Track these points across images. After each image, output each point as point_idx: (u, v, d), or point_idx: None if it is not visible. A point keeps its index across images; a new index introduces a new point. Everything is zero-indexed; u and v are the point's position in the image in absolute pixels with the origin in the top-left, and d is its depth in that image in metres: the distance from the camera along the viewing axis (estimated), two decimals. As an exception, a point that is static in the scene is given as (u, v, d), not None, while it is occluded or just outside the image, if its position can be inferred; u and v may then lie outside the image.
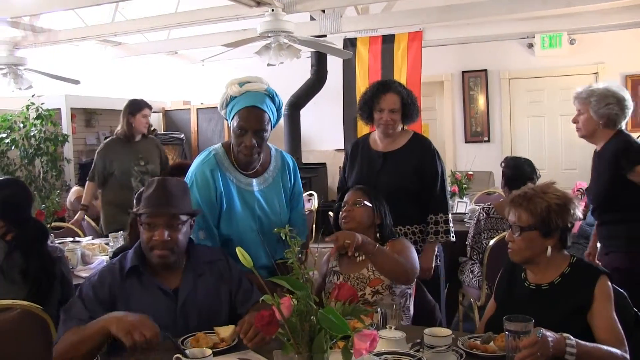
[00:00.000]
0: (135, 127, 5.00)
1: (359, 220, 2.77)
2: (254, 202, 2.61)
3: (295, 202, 2.84)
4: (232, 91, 2.48)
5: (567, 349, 1.84)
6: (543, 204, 2.18)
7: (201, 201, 2.50)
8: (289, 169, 2.78)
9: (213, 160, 2.56)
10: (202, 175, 2.52)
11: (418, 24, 6.39)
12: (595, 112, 3.19)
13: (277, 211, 2.70)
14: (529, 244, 2.20)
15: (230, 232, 2.56)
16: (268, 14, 4.69)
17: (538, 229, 2.18)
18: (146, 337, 1.91)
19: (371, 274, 2.67)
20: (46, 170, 7.11)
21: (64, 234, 4.82)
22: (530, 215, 2.19)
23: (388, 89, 3.25)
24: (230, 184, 2.55)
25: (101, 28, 6.61)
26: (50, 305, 2.75)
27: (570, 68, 7.64)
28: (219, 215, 2.55)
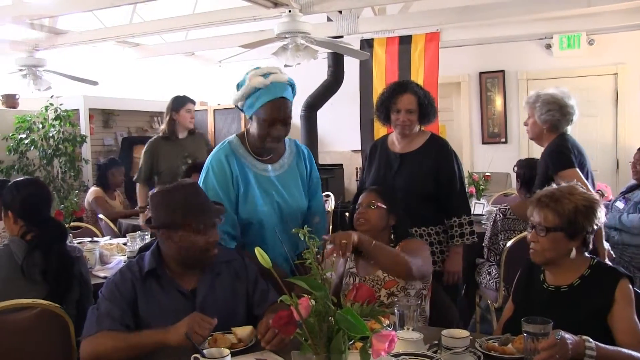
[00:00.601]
0: (180, 123, 4.97)
1: (373, 222, 2.74)
2: (271, 187, 2.63)
3: (314, 190, 2.85)
4: (256, 82, 2.46)
5: (586, 351, 1.82)
6: (570, 205, 2.17)
7: (218, 186, 2.53)
8: (303, 157, 2.81)
9: (228, 147, 2.61)
10: (217, 161, 2.56)
11: (435, 24, 6.37)
12: (539, 117, 3.44)
13: (296, 197, 2.72)
14: (553, 244, 2.18)
15: (250, 215, 2.57)
16: (285, 15, 4.70)
17: (564, 230, 2.16)
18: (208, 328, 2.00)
19: (386, 276, 2.66)
20: (64, 171, 7.17)
21: (82, 234, 4.86)
22: (557, 216, 2.17)
23: (405, 89, 3.24)
24: (246, 168, 2.58)
25: (119, 29, 6.66)
26: (68, 305, 2.78)
27: (589, 69, 7.57)
28: (237, 199, 2.56)
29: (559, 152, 3.38)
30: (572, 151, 3.40)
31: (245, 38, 6.19)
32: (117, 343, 2.03)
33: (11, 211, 2.89)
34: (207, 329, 1.99)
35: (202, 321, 2.00)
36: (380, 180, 3.26)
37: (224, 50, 7.97)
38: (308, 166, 2.82)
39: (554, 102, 3.46)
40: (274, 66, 2.58)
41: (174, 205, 2.21)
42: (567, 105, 3.49)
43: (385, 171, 3.31)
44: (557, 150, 3.39)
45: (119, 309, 2.13)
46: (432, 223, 3.23)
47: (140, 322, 2.18)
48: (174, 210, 2.20)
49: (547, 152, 3.44)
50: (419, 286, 2.68)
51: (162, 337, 2.02)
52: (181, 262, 2.26)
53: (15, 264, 2.76)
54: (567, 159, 3.35)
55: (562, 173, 3.26)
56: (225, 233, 2.52)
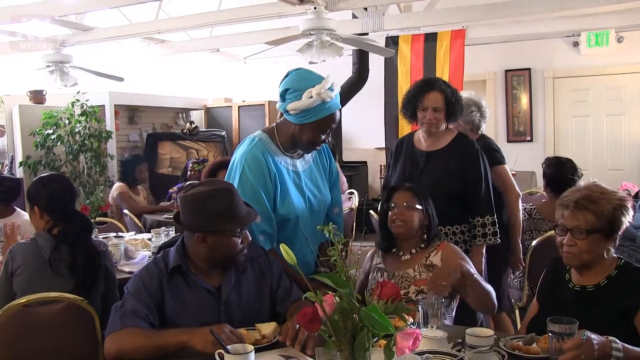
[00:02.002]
0: None
1: (410, 224, 2.71)
2: (302, 181, 2.63)
3: (334, 182, 2.87)
4: (326, 96, 2.42)
5: (613, 352, 1.79)
6: (609, 205, 2.14)
7: (256, 184, 2.47)
8: (323, 150, 2.80)
9: (260, 144, 2.55)
10: (253, 159, 2.49)
11: (461, 22, 6.32)
12: (462, 118, 3.55)
13: (322, 191, 2.73)
14: (592, 247, 2.14)
15: (288, 212, 2.55)
16: (310, 12, 4.70)
17: (603, 230, 2.14)
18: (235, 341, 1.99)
19: (417, 274, 2.66)
20: (90, 166, 7.25)
21: (108, 229, 4.92)
22: (597, 217, 2.13)
23: (432, 87, 3.22)
24: (280, 165, 2.56)
25: (145, 26, 6.72)
26: (94, 299, 2.81)
27: (617, 67, 7.46)
28: (274, 197, 2.54)
29: (489, 149, 3.63)
30: (498, 149, 3.74)
31: (270, 35, 6.20)
32: (141, 341, 2.04)
33: (37, 206, 2.94)
34: (234, 341, 1.97)
35: (230, 333, 2.00)
36: (406, 178, 3.24)
37: (249, 47, 7.99)
38: (328, 158, 2.83)
39: (474, 103, 3.73)
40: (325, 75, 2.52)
41: (210, 211, 2.17)
42: (483, 106, 3.78)
43: (411, 169, 3.29)
44: (488, 148, 3.60)
45: (145, 306, 2.13)
46: (457, 222, 3.21)
47: (165, 319, 2.18)
48: (210, 215, 2.17)
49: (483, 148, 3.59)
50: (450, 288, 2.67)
51: (186, 339, 2.02)
52: (211, 262, 2.26)
53: (42, 258, 2.80)
54: (498, 155, 3.69)
55: (494, 169, 3.54)
56: (262, 233, 2.49)
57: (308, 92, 2.40)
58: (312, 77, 2.47)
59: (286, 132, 2.58)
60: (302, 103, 2.41)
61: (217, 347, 1.87)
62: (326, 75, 2.48)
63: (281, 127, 2.60)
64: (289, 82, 2.48)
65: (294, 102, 2.43)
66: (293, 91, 2.45)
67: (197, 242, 2.20)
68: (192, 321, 2.16)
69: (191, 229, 2.22)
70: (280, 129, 2.60)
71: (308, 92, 2.40)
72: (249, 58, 8.68)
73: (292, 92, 2.45)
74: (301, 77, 2.48)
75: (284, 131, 2.59)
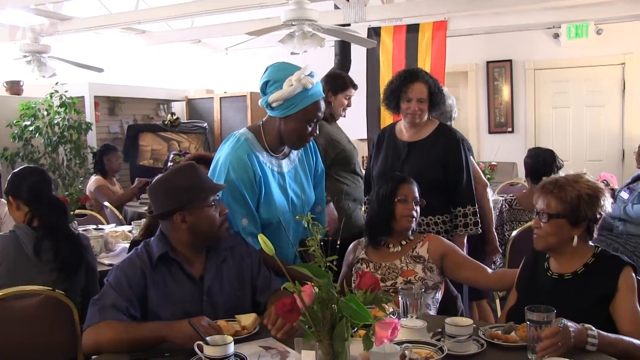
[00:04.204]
0: (334, 108, 4.08)
1: (417, 218, 2.80)
2: (286, 183, 2.61)
3: (319, 180, 2.85)
4: (307, 82, 2.40)
5: (588, 339, 1.83)
6: (574, 193, 2.17)
7: (241, 186, 2.44)
8: (310, 147, 2.78)
9: (246, 144, 2.51)
10: (238, 161, 2.46)
11: (443, 13, 6.32)
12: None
13: (307, 191, 2.71)
14: (555, 231, 2.18)
15: (270, 215, 2.53)
16: (292, 2, 4.67)
17: (567, 217, 2.17)
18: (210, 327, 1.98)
19: (404, 265, 2.68)
20: (70, 158, 7.18)
21: (87, 221, 4.88)
22: (560, 202, 2.18)
23: (416, 78, 3.22)
24: (265, 167, 2.53)
25: (125, 16, 6.64)
26: (73, 292, 2.79)
27: (596, 58, 7.52)
28: (258, 200, 2.52)
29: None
30: (464, 140, 3.63)
31: (252, 25, 6.15)
32: (120, 335, 2.01)
33: (15, 198, 2.92)
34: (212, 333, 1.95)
35: (208, 326, 1.98)
36: (388, 169, 3.25)
37: (231, 38, 7.93)
38: (314, 157, 2.80)
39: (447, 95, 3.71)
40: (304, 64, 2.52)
41: (179, 188, 2.21)
42: (448, 97, 3.79)
43: (393, 160, 3.30)
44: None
45: (125, 299, 2.11)
46: (438, 212, 3.23)
47: (147, 310, 2.17)
48: (180, 192, 2.20)
49: None
50: (437, 279, 2.69)
51: (165, 333, 2.00)
52: (195, 244, 2.26)
53: (22, 252, 2.78)
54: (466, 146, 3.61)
55: None
56: (250, 235, 2.46)
57: (288, 80, 2.39)
58: (290, 67, 2.46)
59: (272, 130, 2.54)
60: (284, 92, 2.40)
61: (196, 339, 1.87)
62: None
63: (267, 125, 2.57)
64: (268, 74, 2.47)
65: (275, 93, 2.41)
66: (273, 82, 2.44)
67: (177, 225, 2.21)
68: (174, 312, 2.15)
69: (168, 214, 2.22)
70: (266, 128, 2.56)
71: (288, 81, 2.39)
72: (230, 49, 8.57)
73: (273, 83, 2.44)
74: (279, 68, 2.48)
75: (270, 129, 2.55)
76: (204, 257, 2.30)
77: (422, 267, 2.68)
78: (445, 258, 2.73)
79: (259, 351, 1.97)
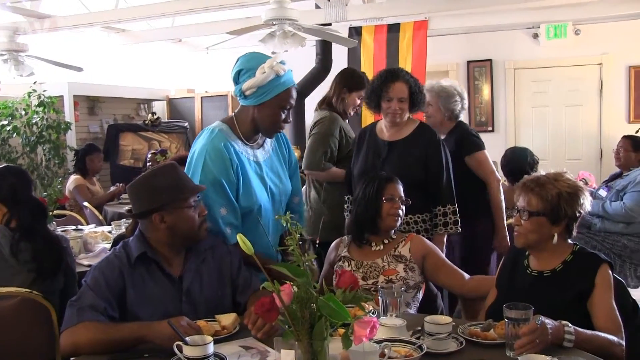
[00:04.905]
0: (346, 105, 4.05)
1: (403, 217, 2.82)
2: (263, 172, 2.63)
3: (293, 171, 2.86)
4: (279, 69, 2.44)
5: (565, 336, 1.86)
6: (554, 191, 2.20)
7: (219, 175, 2.44)
8: (282, 138, 2.82)
9: (221, 134, 2.53)
10: (215, 150, 2.47)
11: (423, 12, 6.35)
12: (443, 105, 3.72)
13: (283, 180, 2.73)
14: (536, 228, 2.21)
15: (251, 203, 2.54)
16: (273, 2, 4.66)
17: (547, 215, 2.19)
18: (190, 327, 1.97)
19: (386, 264, 2.69)
20: (48, 158, 7.10)
21: (67, 222, 4.83)
22: (540, 200, 2.20)
23: (397, 77, 3.23)
24: (241, 156, 2.54)
25: (104, 14, 6.58)
26: (52, 294, 2.76)
27: (574, 58, 7.59)
28: (237, 188, 2.52)
29: (468, 135, 3.75)
30: (477, 135, 3.80)
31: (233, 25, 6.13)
32: (98, 335, 2.00)
33: None
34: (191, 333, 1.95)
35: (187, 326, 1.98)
36: (369, 168, 3.26)
37: (212, 37, 7.91)
38: (286, 148, 2.83)
39: (458, 94, 3.77)
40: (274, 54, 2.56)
41: (159, 188, 2.20)
42: (465, 98, 3.84)
43: (374, 159, 3.31)
44: (466, 134, 3.74)
45: (103, 299, 2.10)
46: (419, 211, 3.23)
47: (126, 310, 2.15)
48: (160, 192, 2.19)
49: (457, 137, 3.73)
50: (418, 279, 2.70)
51: (144, 333, 1.99)
52: (174, 244, 2.25)
53: None
54: (477, 141, 3.72)
55: (475, 155, 3.66)
56: (229, 225, 2.47)
57: (261, 68, 2.43)
58: (261, 56, 2.50)
59: (245, 119, 2.57)
60: (257, 80, 2.43)
61: (176, 340, 1.86)
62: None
63: (240, 115, 2.59)
64: (240, 64, 2.51)
65: (248, 81, 2.45)
66: (246, 71, 2.47)
67: (156, 225, 2.20)
68: (153, 312, 2.14)
69: (147, 214, 2.21)
70: (240, 118, 2.59)
71: (261, 69, 2.43)
72: (211, 48, 8.59)
73: (246, 72, 2.48)
74: (251, 57, 2.51)
75: (243, 119, 2.58)
76: (183, 257, 2.29)
77: (404, 267, 2.69)
78: (427, 259, 2.74)
79: (238, 351, 1.96)
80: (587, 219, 4.66)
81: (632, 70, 7.37)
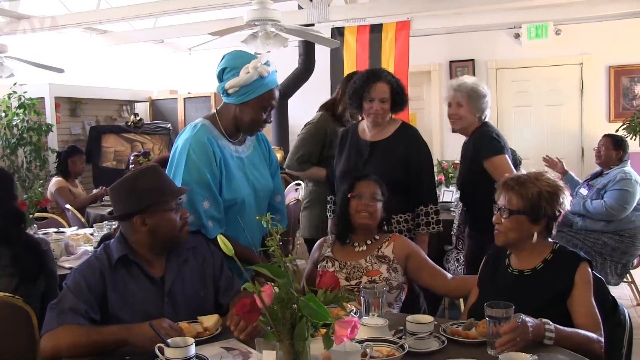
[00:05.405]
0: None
1: (375, 215, 2.76)
2: (245, 167, 2.64)
3: (274, 170, 2.87)
4: (263, 70, 2.45)
5: (546, 333, 1.88)
6: (534, 190, 2.21)
7: (203, 168, 2.46)
8: (262, 139, 2.83)
9: (204, 128, 2.54)
10: (198, 143, 2.48)
11: (406, 13, 6.37)
12: (475, 106, 3.45)
13: (265, 177, 2.74)
14: (516, 226, 2.22)
15: (234, 195, 2.55)
16: (255, 2, 4.65)
17: (527, 213, 2.21)
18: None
19: (369, 265, 2.69)
20: (29, 161, 7.04)
21: (48, 224, 4.79)
22: (521, 199, 2.22)
23: (379, 78, 3.24)
24: (224, 150, 2.56)
25: (86, 15, 6.55)
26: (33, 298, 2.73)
27: (556, 58, 7.66)
28: (220, 181, 2.53)
29: (490, 138, 3.39)
30: (500, 138, 3.43)
31: (215, 25, 6.12)
32: (79, 339, 1.98)
33: None
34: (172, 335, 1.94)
35: (169, 328, 1.96)
36: (351, 168, 3.26)
37: (194, 38, 7.89)
38: (266, 146, 2.85)
39: (486, 93, 3.55)
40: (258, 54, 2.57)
41: (141, 190, 2.19)
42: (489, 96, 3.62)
43: (356, 159, 3.31)
44: (488, 137, 3.40)
45: (84, 303, 2.08)
46: (401, 211, 3.24)
47: (108, 313, 2.14)
48: (141, 194, 2.18)
49: (477, 138, 3.45)
50: (401, 279, 2.71)
51: (125, 335, 1.98)
52: (154, 247, 2.24)
53: None
54: (497, 144, 3.37)
55: (493, 159, 3.30)
56: (211, 218, 2.47)
57: (245, 67, 2.44)
58: (247, 55, 2.52)
59: (228, 116, 2.59)
60: (240, 79, 2.45)
61: (157, 342, 1.85)
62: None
63: (222, 112, 2.61)
64: (225, 61, 2.52)
65: (232, 80, 2.46)
66: (230, 70, 2.49)
67: (137, 227, 2.19)
68: (135, 314, 2.12)
69: (128, 216, 2.20)
70: (222, 114, 2.61)
71: (245, 68, 2.44)
72: (194, 49, 8.56)
73: (230, 70, 2.49)
74: (236, 55, 2.52)
75: (225, 116, 2.60)
76: (165, 258, 2.28)
77: (387, 267, 2.69)
78: (409, 259, 2.74)
79: (220, 352, 1.96)
80: (569, 217, 4.70)
81: (612, 70, 7.45)
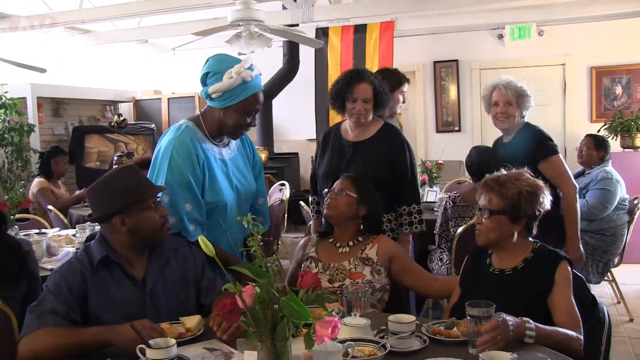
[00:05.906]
0: (392, 105, 3.81)
1: (340, 209, 2.76)
2: (229, 169, 2.63)
3: (258, 173, 2.87)
4: (246, 75, 2.45)
5: (526, 332, 1.89)
6: (514, 190, 2.23)
7: (186, 170, 2.44)
8: (246, 140, 2.83)
9: (188, 130, 2.53)
10: (182, 144, 2.47)
11: (390, 13, 6.40)
12: (524, 107, 3.52)
13: (248, 179, 2.74)
14: (496, 227, 2.24)
15: (216, 198, 2.54)
16: (239, 2, 4.65)
17: (507, 213, 2.23)
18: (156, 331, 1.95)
19: (352, 267, 2.68)
20: (11, 161, 6.98)
21: (30, 225, 4.75)
22: (501, 199, 2.23)
23: (361, 78, 3.23)
24: (207, 152, 2.55)
25: (68, 15, 6.50)
26: (14, 300, 2.70)
27: (538, 59, 7.73)
28: (203, 184, 2.52)
29: (545, 138, 3.47)
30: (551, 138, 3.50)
31: (199, 25, 6.11)
32: (59, 341, 1.97)
33: None
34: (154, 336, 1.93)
35: (150, 329, 1.95)
36: (333, 169, 3.26)
37: (178, 38, 7.85)
38: (250, 149, 2.84)
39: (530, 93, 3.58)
40: (243, 57, 2.55)
41: (118, 190, 2.18)
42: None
43: (339, 160, 3.31)
44: (543, 137, 3.48)
45: (65, 304, 2.06)
46: (384, 211, 3.24)
47: (89, 314, 2.12)
48: (118, 194, 2.17)
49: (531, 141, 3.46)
50: (384, 281, 2.71)
51: (107, 337, 1.97)
52: (136, 246, 2.23)
53: None
54: (554, 145, 3.46)
55: (551, 159, 3.39)
56: (193, 221, 2.46)
57: (228, 72, 2.43)
58: (231, 59, 2.50)
59: (212, 119, 2.58)
60: (223, 84, 2.44)
61: (139, 343, 1.84)
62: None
63: (206, 115, 2.60)
64: (209, 66, 2.51)
65: (215, 85, 2.45)
66: (213, 74, 2.48)
67: (117, 228, 2.18)
68: (117, 315, 2.11)
69: (107, 217, 2.18)
70: (206, 117, 2.60)
71: (228, 73, 2.43)
72: (178, 49, 8.52)
73: (213, 75, 2.48)
74: (220, 59, 2.51)
75: (209, 119, 2.59)
76: (147, 259, 2.27)
77: (371, 270, 2.68)
78: (393, 261, 2.74)
79: (202, 353, 1.95)
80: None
81: (594, 70, 7.53)
